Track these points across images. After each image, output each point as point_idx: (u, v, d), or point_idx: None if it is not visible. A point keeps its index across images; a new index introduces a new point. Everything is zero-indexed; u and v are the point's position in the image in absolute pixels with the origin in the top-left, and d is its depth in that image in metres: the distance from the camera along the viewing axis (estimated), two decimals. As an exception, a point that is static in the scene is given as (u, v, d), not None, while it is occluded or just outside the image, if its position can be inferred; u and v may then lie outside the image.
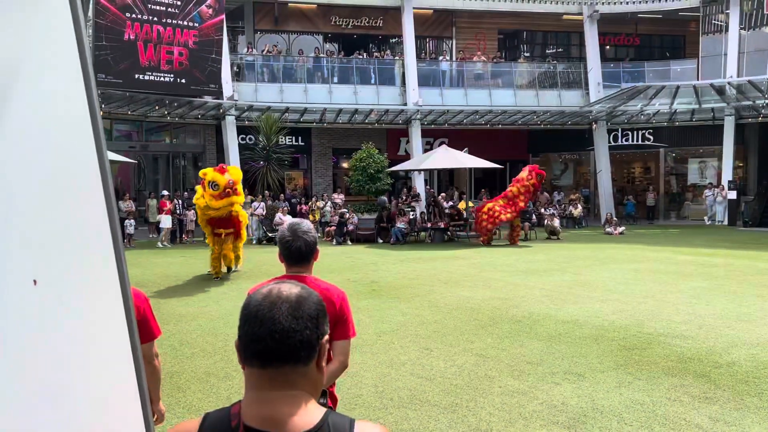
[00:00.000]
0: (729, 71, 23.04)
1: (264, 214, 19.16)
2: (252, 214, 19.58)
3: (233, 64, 22.98)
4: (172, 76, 20.27)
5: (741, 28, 23.31)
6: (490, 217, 17.45)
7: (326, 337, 1.31)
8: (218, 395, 5.46)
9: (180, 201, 19.10)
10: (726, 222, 22.83)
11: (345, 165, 24.05)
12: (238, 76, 23.19)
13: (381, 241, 19.06)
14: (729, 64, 23.17)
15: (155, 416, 2.95)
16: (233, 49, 24.44)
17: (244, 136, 23.13)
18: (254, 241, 18.93)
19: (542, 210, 21.78)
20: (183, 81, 20.54)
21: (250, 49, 24.55)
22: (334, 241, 18.90)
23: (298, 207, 21.09)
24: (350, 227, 19.19)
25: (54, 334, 1.32)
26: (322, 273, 11.73)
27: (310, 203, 21.51)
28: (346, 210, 19.74)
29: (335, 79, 23.99)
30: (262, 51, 24.45)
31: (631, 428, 4.57)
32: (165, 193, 19.20)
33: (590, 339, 7.10)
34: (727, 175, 23.04)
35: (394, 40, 27.15)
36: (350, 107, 22.91)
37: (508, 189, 18.04)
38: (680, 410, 4.91)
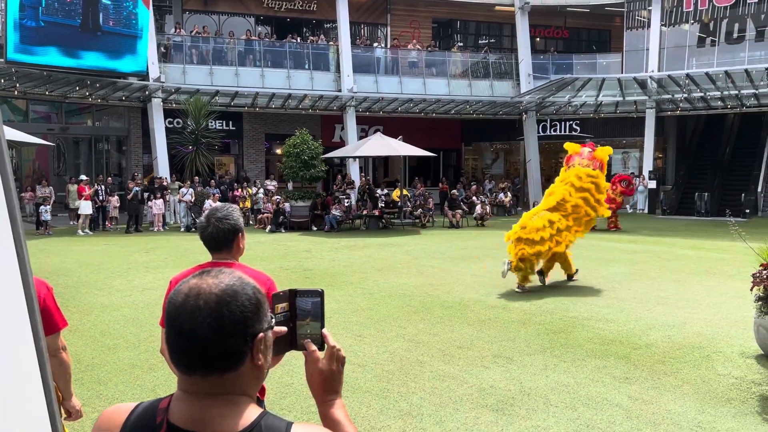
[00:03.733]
0: (650, 66, 24.06)
1: (192, 200, 18.61)
2: (180, 201, 19.00)
3: (160, 45, 22.09)
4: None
5: (662, 25, 24.37)
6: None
7: (262, 334, 1.20)
8: (143, 387, 5.25)
9: (102, 186, 18.25)
10: (646, 210, 23.96)
11: (278, 151, 23.65)
12: (165, 57, 22.32)
13: (315, 228, 18.91)
14: (650, 59, 24.19)
15: (69, 413, 2.79)
16: (160, 29, 23.50)
17: (171, 119, 22.34)
18: (182, 229, 18.38)
19: (473, 198, 22.15)
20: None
21: (179, 30, 23.66)
22: (268, 228, 18.60)
23: (230, 193, 20.59)
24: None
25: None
26: (254, 261, 11.52)
27: (242, 189, 21.05)
28: (280, 197, 19.44)
29: (268, 63, 23.48)
30: (191, 32, 23.62)
31: (557, 409, 4.71)
32: (84, 177, 18.26)
33: (518, 323, 7.28)
34: (647, 166, 24.12)
35: (328, 25, 26.83)
36: (283, 92, 22.51)
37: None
38: (602, 390, 5.10)
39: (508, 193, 24.92)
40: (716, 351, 6.14)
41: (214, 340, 1.14)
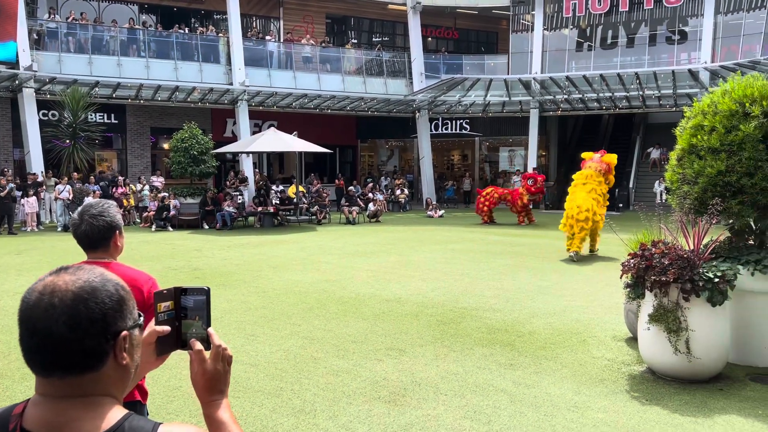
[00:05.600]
0: (534, 68, 25.37)
1: (70, 198, 17.40)
2: (56, 198, 17.71)
3: (32, 31, 20.43)
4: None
5: (544, 29, 25.76)
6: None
7: (125, 332, 1.15)
8: (13, 399, 4.84)
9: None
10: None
11: (165, 146, 22.63)
12: (38, 44, 20.68)
13: (207, 226, 18.30)
14: (534, 61, 25.50)
15: None
16: (32, 14, 21.74)
17: (45, 111, 20.75)
18: (59, 228, 17.14)
19: (369, 194, 22.37)
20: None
21: (53, 15, 22.00)
22: (153, 226, 17.77)
23: (112, 190, 19.45)
24: (172, 212, 18.16)
25: None
26: (140, 261, 11.00)
27: (125, 186, 19.95)
28: (167, 194, 18.63)
29: (153, 54, 22.36)
30: (67, 18, 22.04)
31: (446, 397, 4.85)
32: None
33: (411, 316, 7.43)
34: (532, 163, 25.42)
35: (218, 17, 25.99)
36: (170, 84, 21.55)
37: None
38: (489, 377, 5.31)
39: (404, 189, 25.40)
40: (592, 336, 6.58)
41: (70, 338, 1.08)
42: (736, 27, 22.71)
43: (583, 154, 12.85)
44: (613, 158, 12.40)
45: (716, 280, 4.96)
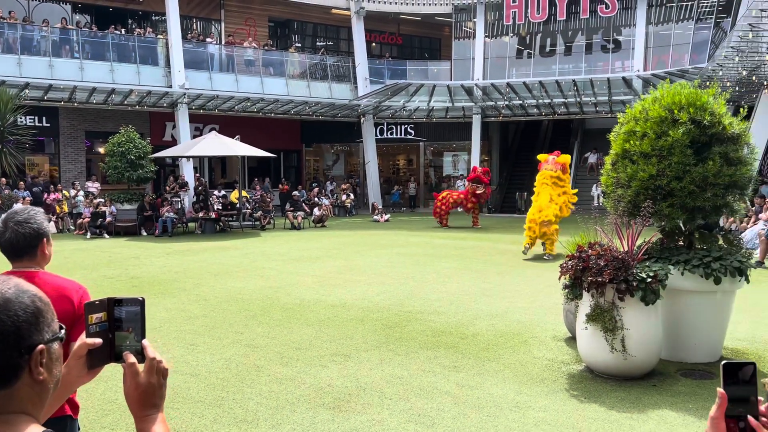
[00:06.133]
0: (476, 74, 25.83)
1: (-1, 204, 16.56)
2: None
3: (-46, 29, 19.41)
4: None
5: (486, 36, 26.27)
6: None
7: (42, 346, 1.08)
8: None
9: None
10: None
11: (101, 150, 21.85)
12: (-39, 43, 19.64)
13: (145, 233, 17.77)
14: (476, 68, 25.97)
15: None
16: (-45, 11, 20.64)
17: (-29, 114, 19.69)
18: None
19: (315, 199, 22.23)
20: None
21: (-22, 13, 20.95)
22: (89, 234, 17.12)
23: (44, 197, 18.64)
24: (108, 218, 17.54)
25: None
26: (73, 270, 10.58)
27: (58, 191, 19.16)
28: (103, 200, 17.99)
29: (87, 55, 21.57)
30: (-5, 16, 21.02)
31: (391, 401, 4.85)
32: None
33: (356, 320, 7.41)
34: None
35: (156, 18, 25.33)
36: (106, 86, 20.82)
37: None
38: (433, 380, 5.34)
39: (350, 194, 25.37)
40: (533, 336, 6.72)
41: None
42: (666, 37, 23.77)
43: (539, 156, 13.69)
44: (566, 158, 13.36)
45: (649, 280, 5.15)
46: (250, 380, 5.35)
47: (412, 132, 28.36)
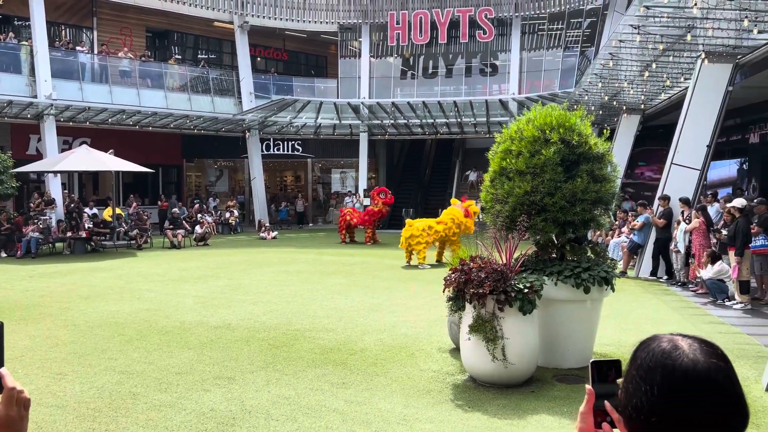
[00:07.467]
0: (363, 92, 26.20)
1: None
2: None
3: None
4: None
5: (371, 56, 26.76)
6: None
7: None
8: None
9: None
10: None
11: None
12: None
13: (5, 254, 16.23)
14: (362, 87, 26.36)
15: None
16: None
17: None
18: None
19: (196, 216, 21.41)
20: None
21: None
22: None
23: None
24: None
25: None
26: None
27: None
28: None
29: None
30: None
31: (278, 423, 4.71)
32: None
33: (242, 341, 7.17)
34: (362, 185, 26.09)
35: (19, 23, 23.42)
36: (-40, 95, 18.92)
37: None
38: (321, 398, 5.26)
39: (234, 211, 24.68)
40: (419, 349, 6.83)
41: None
42: (538, 63, 25.45)
43: (452, 200, 15.88)
44: (474, 207, 14.94)
45: (525, 290, 5.41)
46: (125, 409, 4.99)
47: (300, 148, 28.19)
